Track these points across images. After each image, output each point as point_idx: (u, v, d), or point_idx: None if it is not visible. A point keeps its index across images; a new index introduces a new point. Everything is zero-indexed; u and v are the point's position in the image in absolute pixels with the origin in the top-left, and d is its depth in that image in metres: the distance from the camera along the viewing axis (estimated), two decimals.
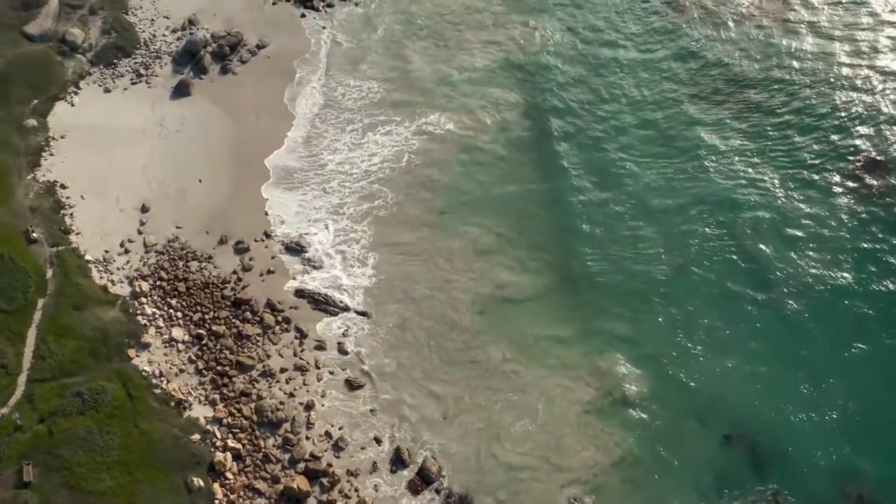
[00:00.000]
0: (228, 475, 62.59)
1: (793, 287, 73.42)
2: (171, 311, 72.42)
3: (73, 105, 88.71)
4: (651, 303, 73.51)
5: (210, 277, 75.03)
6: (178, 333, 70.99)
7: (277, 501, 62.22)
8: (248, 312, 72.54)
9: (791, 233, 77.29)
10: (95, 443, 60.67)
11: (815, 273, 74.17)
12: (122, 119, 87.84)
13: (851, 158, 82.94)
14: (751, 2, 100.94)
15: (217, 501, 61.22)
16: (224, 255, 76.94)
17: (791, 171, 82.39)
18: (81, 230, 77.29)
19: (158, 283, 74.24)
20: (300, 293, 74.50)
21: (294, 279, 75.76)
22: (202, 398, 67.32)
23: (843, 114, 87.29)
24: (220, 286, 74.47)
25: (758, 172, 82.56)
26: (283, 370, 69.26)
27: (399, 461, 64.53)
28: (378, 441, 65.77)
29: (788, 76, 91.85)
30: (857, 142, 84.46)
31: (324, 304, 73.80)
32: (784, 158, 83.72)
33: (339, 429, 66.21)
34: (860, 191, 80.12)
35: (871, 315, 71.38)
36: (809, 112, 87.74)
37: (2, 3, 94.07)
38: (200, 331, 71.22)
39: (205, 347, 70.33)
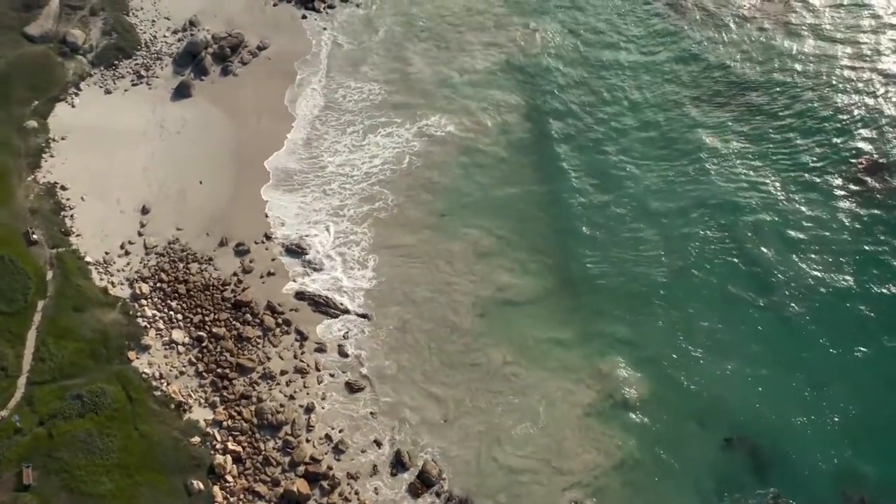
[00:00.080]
0: (228, 478, 62.58)
1: (794, 290, 73.35)
2: (172, 314, 72.35)
3: (74, 106, 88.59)
4: (652, 305, 73.48)
5: (210, 279, 74.98)
6: (179, 335, 70.94)
7: None
8: (249, 314, 72.48)
9: (792, 235, 77.20)
10: (95, 445, 60.65)
11: (817, 276, 74.09)
12: (123, 120, 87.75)
13: (853, 161, 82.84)
14: (752, 4, 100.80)
15: None
16: (224, 257, 76.88)
17: (792, 174, 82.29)
18: (82, 232, 77.21)
19: (159, 285, 74.18)
20: (300, 295, 74.42)
21: (294, 281, 75.70)
22: (202, 400, 67.29)
23: (845, 116, 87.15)
24: (221, 288, 74.40)
25: (759, 175, 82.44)
26: (284, 372, 69.21)
27: (399, 464, 64.47)
28: (378, 444, 65.71)
29: (790, 79, 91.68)
30: (859, 144, 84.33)
31: (324, 307, 73.72)
32: (785, 161, 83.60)
33: (340, 431, 66.18)
34: (862, 193, 79.99)
35: (873, 318, 71.31)
36: (811, 115, 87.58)
37: (2, 4, 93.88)
38: (201, 333, 71.15)
39: (205, 350, 70.29)
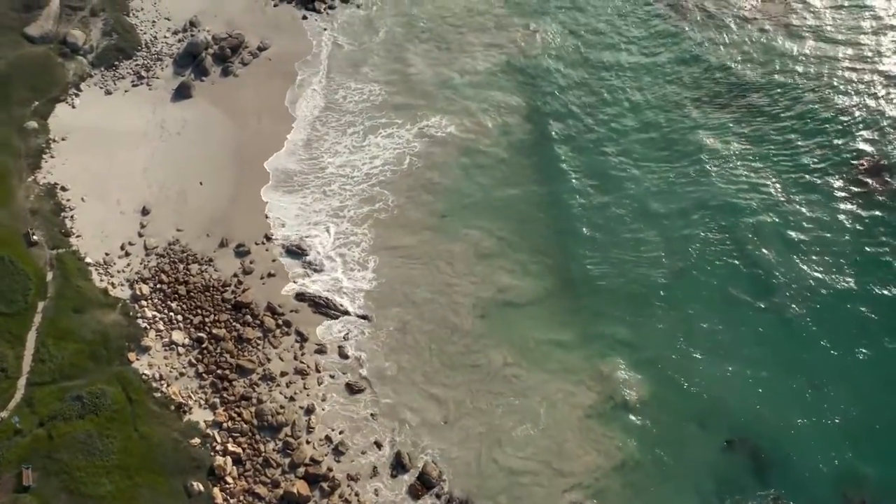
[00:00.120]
0: (228, 479, 62.52)
1: (794, 291, 73.22)
2: (172, 315, 72.27)
3: (74, 107, 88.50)
4: (652, 307, 73.38)
5: (210, 280, 74.89)
6: (179, 337, 70.87)
7: None
8: (249, 316, 72.38)
9: (793, 237, 77.03)
10: (95, 447, 60.62)
11: (817, 277, 73.96)
12: (123, 121, 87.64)
13: (854, 162, 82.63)
14: (753, 5, 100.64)
15: None
16: (225, 258, 76.79)
17: (793, 176, 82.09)
18: (82, 233, 77.13)
19: (159, 286, 74.10)
20: (301, 296, 74.34)
21: (294, 282, 75.61)
22: (202, 402, 67.21)
23: (846, 118, 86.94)
24: (221, 289, 74.31)
25: (760, 177, 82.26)
26: (284, 374, 69.13)
27: (399, 466, 64.39)
28: (378, 445, 65.62)
29: (791, 80, 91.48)
30: (860, 146, 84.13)
31: (324, 308, 73.64)
32: (786, 162, 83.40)
33: (340, 433, 66.09)
34: (863, 195, 79.77)
35: (874, 319, 71.18)
36: (812, 116, 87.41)
37: (3, 5, 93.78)
38: (201, 334, 71.06)
39: (205, 351, 70.20)
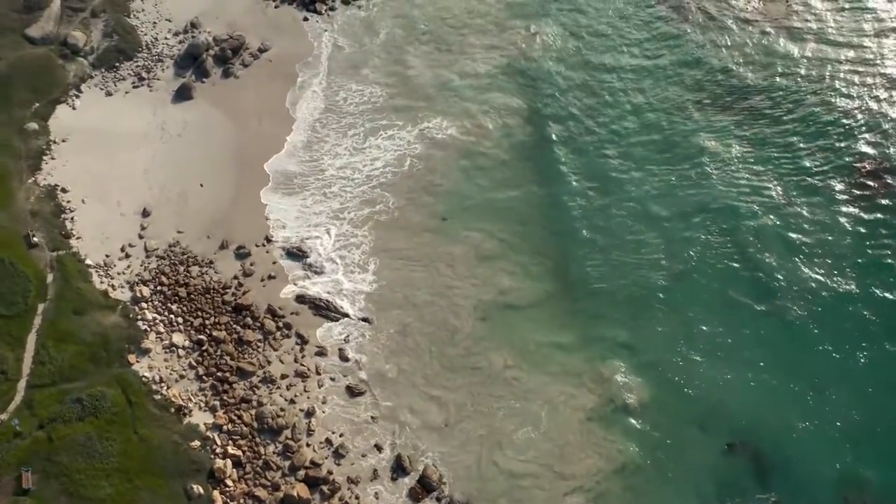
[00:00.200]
0: (228, 482, 62.40)
1: (796, 294, 73.09)
2: (172, 317, 72.19)
3: (75, 108, 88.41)
4: (653, 309, 73.25)
5: (211, 282, 74.78)
6: (179, 339, 70.77)
7: None
8: (249, 318, 72.28)
9: (794, 240, 76.83)
10: (95, 449, 60.54)
11: (818, 280, 73.84)
12: (124, 123, 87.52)
13: (856, 165, 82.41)
14: (755, 7, 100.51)
15: None
16: (225, 260, 76.69)
17: (795, 178, 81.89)
18: (82, 234, 77.02)
19: (159, 288, 74.00)
20: (301, 299, 74.23)
21: (295, 284, 75.50)
22: (202, 404, 67.11)
23: (848, 120, 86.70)
24: (221, 291, 74.21)
25: (761, 179, 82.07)
26: (284, 376, 69.00)
27: (400, 468, 64.28)
28: (379, 448, 65.49)
29: (792, 83, 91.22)
30: (862, 149, 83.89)
31: (325, 310, 73.52)
32: (788, 165, 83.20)
33: (340, 436, 65.97)
34: (864, 197, 79.54)
35: (875, 322, 71.08)
36: (813, 119, 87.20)
37: (3, 6, 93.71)
38: (201, 336, 70.95)
39: (205, 353, 70.07)
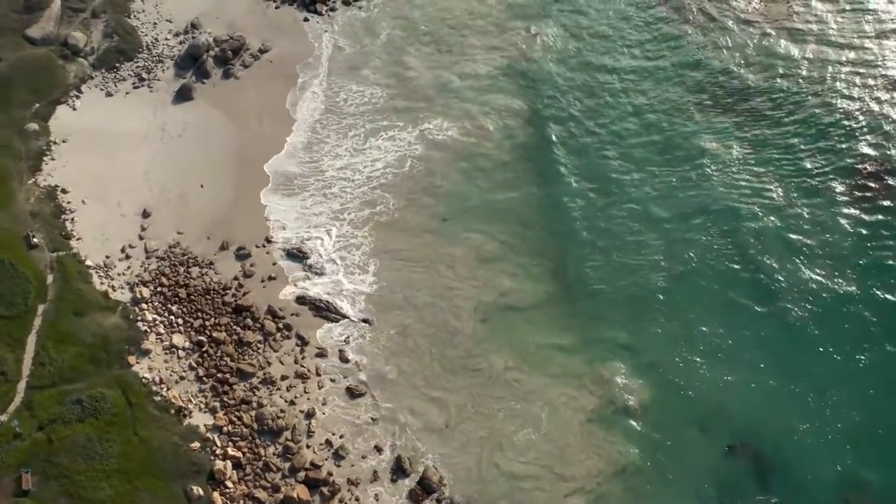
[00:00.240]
0: (228, 484, 62.33)
1: (796, 295, 72.97)
2: (172, 318, 72.13)
3: (75, 109, 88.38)
4: (654, 311, 73.13)
5: (211, 283, 74.72)
6: (179, 340, 70.71)
7: None
8: (249, 319, 72.23)
9: (795, 241, 76.66)
10: (95, 451, 60.51)
11: (819, 281, 73.71)
12: (124, 123, 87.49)
13: (857, 167, 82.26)
14: (755, 8, 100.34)
15: None
16: (225, 261, 76.63)
17: (795, 180, 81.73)
18: (82, 235, 76.99)
19: (159, 289, 73.93)
20: (301, 300, 74.16)
21: (295, 285, 75.43)
22: (202, 406, 67.04)
23: (849, 122, 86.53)
24: (221, 292, 74.15)
25: (762, 181, 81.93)
26: (284, 378, 68.92)
27: (400, 470, 64.19)
28: (379, 450, 65.40)
29: (794, 84, 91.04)
30: (863, 150, 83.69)
31: (325, 311, 73.44)
32: (789, 166, 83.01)
33: (340, 437, 65.89)
34: (866, 199, 79.42)
35: (876, 323, 70.98)
36: (814, 121, 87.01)
37: (3, 6, 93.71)
38: (201, 337, 70.89)
39: (205, 354, 70.01)
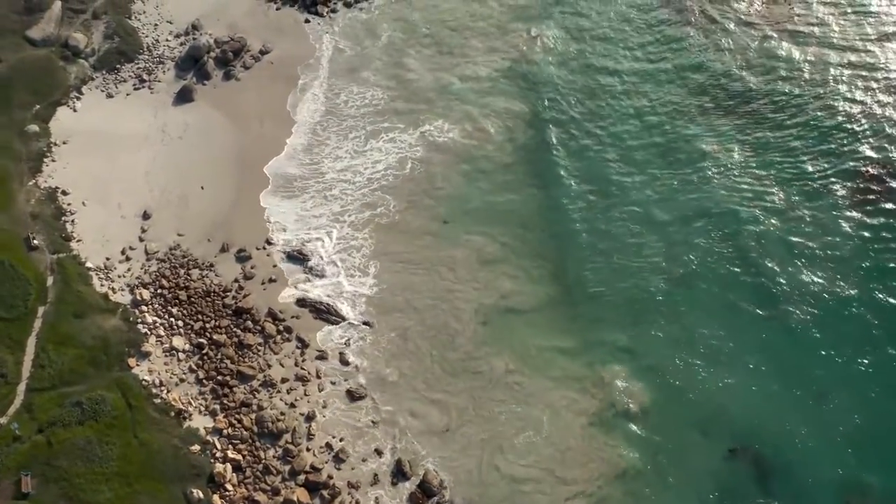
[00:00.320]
0: (228, 487, 62.28)
1: (797, 299, 72.77)
2: (172, 320, 72.08)
3: (76, 110, 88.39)
4: (655, 314, 72.99)
5: (211, 286, 74.66)
6: (179, 342, 70.66)
7: None
8: (250, 321, 72.17)
9: (796, 245, 76.39)
10: (94, 453, 60.47)
11: (821, 284, 73.49)
12: (125, 125, 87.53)
13: (858, 171, 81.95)
14: (757, 11, 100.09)
15: None
16: (225, 264, 76.59)
17: (797, 183, 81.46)
18: (82, 237, 77.02)
19: (159, 292, 73.89)
20: (302, 302, 74.08)
21: (295, 288, 75.35)
22: (202, 408, 66.98)
23: (851, 125, 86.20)
24: (222, 295, 74.10)
25: (763, 184, 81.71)
26: (285, 380, 68.87)
27: (400, 473, 64.09)
28: (379, 453, 65.30)
29: (795, 87, 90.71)
30: (865, 153, 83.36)
31: (325, 314, 73.35)
32: (790, 170, 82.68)
33: (340, 440, 65.81)
34: (867, 202, 79.13)
35: (877, 326, 70.79)
36: (816, 123, 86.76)
37: (4, 8, 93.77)
38: (201, 340, 70.88)
39: (205, 357, 69.97)
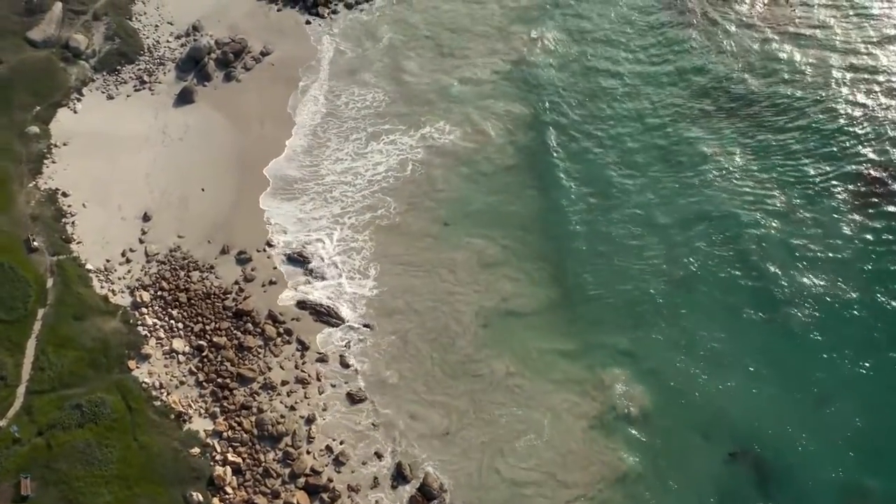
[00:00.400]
0: (228, 490, 62.19)
1: (798, 302, 72.73)
2: (172, 322, 71.99)
3: (76, 112, 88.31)
4: (656, 317, 72.97)
5: (211, 288, 74.57)
6: (179, 345, 70.57)
7: None
8: (250, 324, 72.07)
9: (797, 248, 76.34)
10: (94, 456, 60.40)
11: (822, 287, 73.44)
12: (125, 126, 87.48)
13: (860, 173, 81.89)
14: (759, 13, 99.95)
15: None
16: (226, 266, 76.50)
17: (799, 186, 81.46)
18: (83, 239, 76.95)
19: (159, 294, 73.81)
20: (302, 304, 73.98)
21: (296, 290, 75.24)
22: (202, 411, 66.89)
23: (853, 128, 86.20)
24: (222, 297, 74.01)
25: (764, 187, 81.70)
26: (285, 383, 68.78)
27: (400, 476, 63.99)
28: (379, 456, 65.21)
29: (797, 90, 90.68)
30: (866, 157, 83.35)
31: (325, 316, 73.25)
32: (792, 172, 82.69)
33: (341, 443, 65.72)
34: (869, 205, 79.08)
35: (878, 329, 70.79)
36: (818, 126, 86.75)
37: (5, 9, 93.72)
38: (201, 342, 70.81)
39: (205, 359, 69.91)
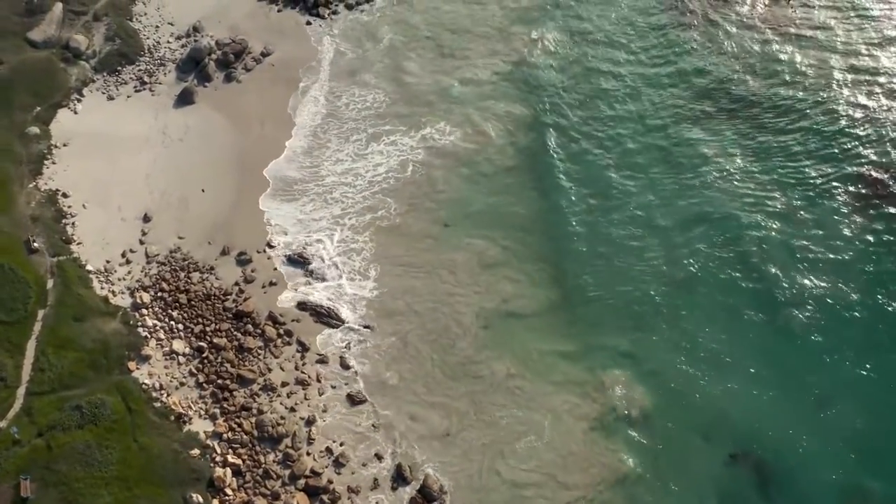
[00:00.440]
0: (228, 491, 62.11)
1: (799, 303, 72.67)
2: (172, 323, 71.93)
3: (76, 112, 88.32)
4: (656, 318, 72.90)
5: (212, 289, 74.52)
6: (179, 346, 70.52)
7: None
8: (250, 325, 72.01)
9: (798, 249, 76.27)
10: (94, 457, 60.35)
11: (822, 289, 73.38)
12: (126, 127, 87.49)
13: (860, 175, 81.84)
14: (759, 15, 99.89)
15: None
16: (226, 267, 76.45)
17: (799, 188, 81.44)
18: (83, 240, 76.93)
19: (160, 295, 73.76)
20: (302, 305, 73.92)
21: (296, 291, 75.18)
22: (202, 412, 66.83)
23: (853, 129, 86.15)
24: (222, 298, 73.96)
25: (765, 188, 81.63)
26: (285, 384, 68.72)
27: (400, 478, 63.91)
28: (379, 457, 65.14)
29: (797, 91, 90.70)
30: (866, 158, 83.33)
31: (326, 317, 73.19)
32: (792, 174, 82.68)
33: (341, 444, 65.65)
34: (869, 206, 79.05)
35: (880, 331, 70.71)
36: (818, 128, 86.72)
37: (5, 9, 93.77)
38: (201, 343, 70.74)
39: (206, 360, 69.84)
